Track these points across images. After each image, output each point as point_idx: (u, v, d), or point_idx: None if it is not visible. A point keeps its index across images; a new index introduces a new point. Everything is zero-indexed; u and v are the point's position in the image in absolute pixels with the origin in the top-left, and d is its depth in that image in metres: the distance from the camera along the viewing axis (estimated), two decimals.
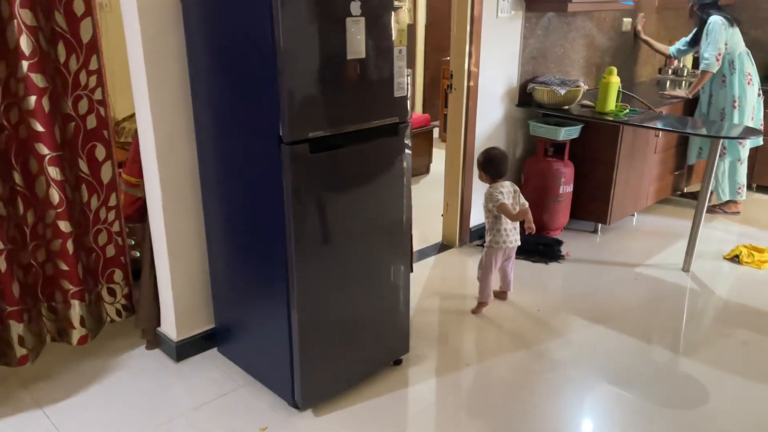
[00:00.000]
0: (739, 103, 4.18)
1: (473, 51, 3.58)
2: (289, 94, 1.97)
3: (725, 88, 4.20)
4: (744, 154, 4.34)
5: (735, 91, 4.17)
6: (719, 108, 4.25)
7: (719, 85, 4.22)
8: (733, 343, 2.92)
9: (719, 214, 4.52)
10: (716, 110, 4.28)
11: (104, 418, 2.36)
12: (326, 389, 2.43)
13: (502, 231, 3.03)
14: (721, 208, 4.54)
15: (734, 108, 4.17)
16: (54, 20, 2.25)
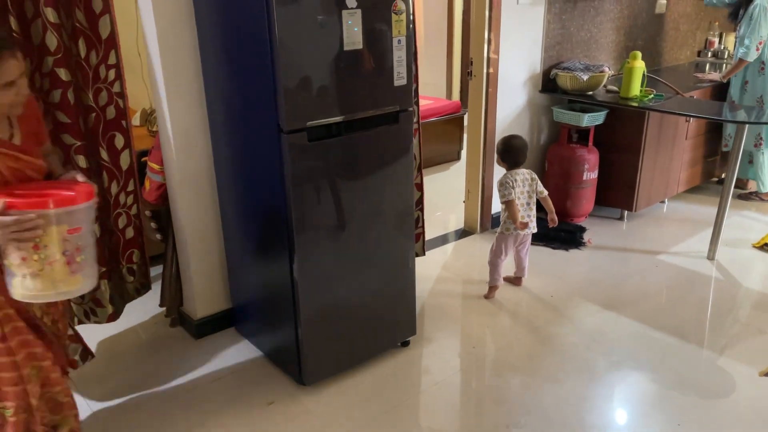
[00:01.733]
0: None
1: (492, 38, 3.58)
2: (286, 85, 2.06)
3: (764, 75, 4.02)
4: None
5: None
6: (756, 95, 4.08)
7: (757, 72, 4.05)
8: (750, 331, 2.87)
9: (754, 201, 4.36)
10: (752, 98, 4.10)
11: (126, 387, 2.54)
12: (331, 367, 2.54)
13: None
14: (759, 195, 4.38)
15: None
16: (75, 17, 2.40)
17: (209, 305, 2.86)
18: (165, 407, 2.41)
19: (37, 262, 1.59)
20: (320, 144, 2.21)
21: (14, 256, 1.59)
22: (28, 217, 1.53)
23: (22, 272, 1.61)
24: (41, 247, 1.59)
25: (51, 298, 1.70)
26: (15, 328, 1.73)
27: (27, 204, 1.54)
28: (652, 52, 4.68)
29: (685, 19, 4.87)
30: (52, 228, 1.58)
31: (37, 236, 1.56)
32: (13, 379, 1.74)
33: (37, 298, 1.68)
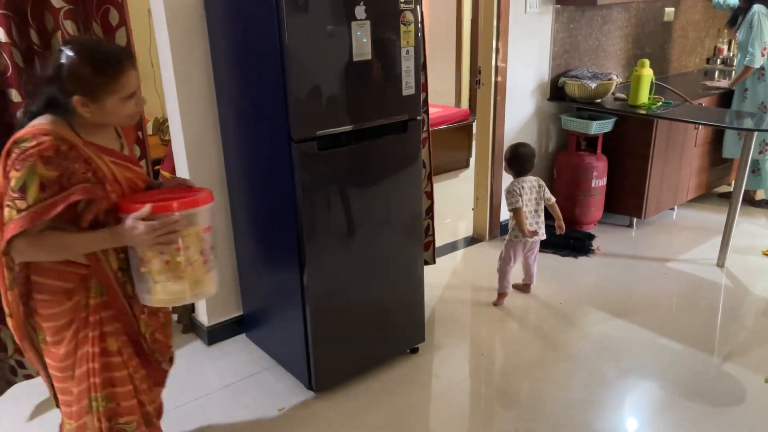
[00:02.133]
0: None
1: (500, 46, 3.62)
2: (297, 95, 2.10)
3: (764, 82, 4.02)
4: None
5: None
6: (758, 102, 4.07)
7: (757, 79, 4.03)
8: (759, 339, 2.86)
9: (764, 209, 4.35)
10: (753, 105, 4.09)
11: None
12: (341, 374, 2.57)
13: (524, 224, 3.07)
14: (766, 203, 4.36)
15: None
16: (92, 30, 2.46)
17: (220, 312, 2.90)
18: (176, 413, 2.45)
19: (180, 263, 1.64)
20: (330, 153, 2.25)
21: (156, 261, 1.63)
22: (174, 218, 1.58)
23: (165, 276, 1.65)
24: (183, 249, 1.63)
25: (188, 300, 1.74)
26: (124, 342, 1.75)
27: (166, 207, 1.59)
28: (660, 60, 4.70)
29: (694, 27, 4.88)
30: (191, 229, 1.63)
31: (181, 237, 1.61)
32: (131, 393, 1.76)
33: (176, 301, 1.72)
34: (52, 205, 1.51)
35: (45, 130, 1.53)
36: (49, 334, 1.69)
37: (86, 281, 1.67)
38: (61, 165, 1.52)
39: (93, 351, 1.69)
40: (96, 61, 1.54)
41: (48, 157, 1.50)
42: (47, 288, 1.65)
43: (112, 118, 1.62)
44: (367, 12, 2.17)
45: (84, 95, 1.54)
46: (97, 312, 1.68)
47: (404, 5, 2.27)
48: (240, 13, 2.28)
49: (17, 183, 1.49)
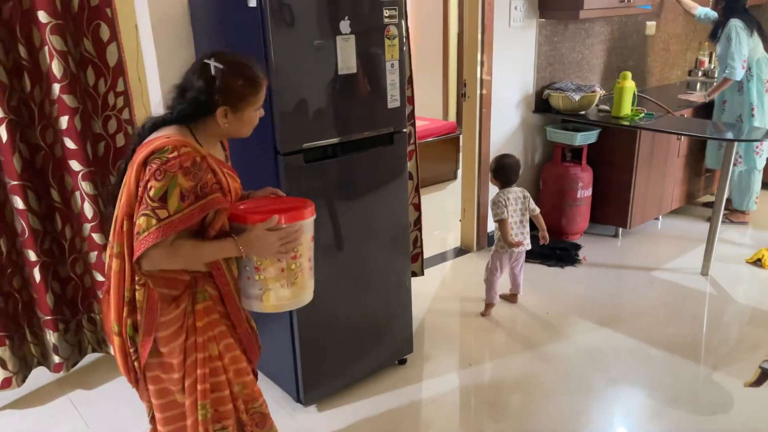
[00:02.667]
0: (757, 111, 4.05)
1: (485, 60, 3.67)
2: (282, 108, 2.13)
3: (742, 95, 4.08)
4: (761, 163, 4.19)
5: (753, 98, 4.04)
6: (735, 114, 4.13)
7: (736, 91, 4.10)
8: (743, 347, 2.90)
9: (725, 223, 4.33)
10: (732, 116, 4.15)
11: (122, 412, 2.56)
12: (329, 386, 2.57)
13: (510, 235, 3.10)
14: (728, 217, 4.36)
15: (752, 116, 4.05)
16: (82, 46, 2.48)
17: None
18: None
19: (293, 270, 1.72)
20: (316, 165, 2.27)
21: (272, 269, 1.70)
22: (294, 227, 1.67)
23: (280, 283, 1.72)
24: (298, 256, 1.72)
25: (293, 306, 1.80)
26: (228, 345, 1.75)
27: (290, 217, 1.68)
28: (643, 72, 4.78)
29: (675, 40, 4.97)
30: (304, 237, 1.72)
31: (299, 245, 1.69)
32: (228, 398, 1.77)
33: (286, 307, 1.78)
34: (190, 215, 1.57)
35: (182, 142, 1.58)
36: (162, 344, 1.68)
37: (191, 287, 1.69)
38: (197, 175, 1.57)
39: (202, 356, 1.70)
40: (246, 75, 1.62)
41: (187, 168, 1.55)
42: (160, 297, 1.65)
43: (242, 129, 1.70)
44: (352, 26, 2.20)
45: (229, 106, 1.61)
46: (203, 317, 1.70)
47: (389, 20, 2.31)
48: (226, 28, 2.31)
49: (157, 192, 1.53)
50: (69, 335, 2.74)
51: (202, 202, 1.58)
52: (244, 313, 1.82)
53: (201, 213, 1.58)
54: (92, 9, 2.42)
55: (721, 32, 4.01)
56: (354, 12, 2.20)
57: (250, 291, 1.75)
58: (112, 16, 2.46)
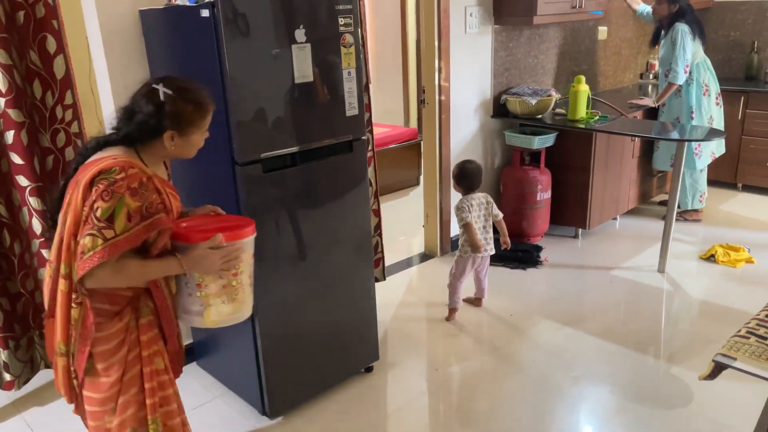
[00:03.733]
0: (695, 114, 4.17)
1: (443, 66, 3.70)
2: (239, 118, 2.11)
3: (681, 97, 4.19)
4: (700, 164, 4.30)
5: (692, 101, 4.15)
6: (673, 115, 4.25)
7: (675, 94, 4.20)
8: (699, 341, 2.98)
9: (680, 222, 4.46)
10: (670, 117, 4.27)
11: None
12: (295, 397, 2.54)
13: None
14: (682, 215, 4.49)
15: (691, 119, 4.17)
16: (28, 58, 2.41)
17: None
18: None
19: (234, 287, 1.78)
20: (276, 175, 2.26)
21: (213, 286, 1.75)
22: (236, 246, 1.73)
23: (221, 299, 1.78)
24: (239, 273, 1.78)
25: (233, 321, 1.84)
26: (169, 360, 1.79)
27: (234, 236, 1.74)
28: (596, 76, 4.90)
29: (627, 44, 5.11)
30: (245, 255, 1.78)
31: (239, 262, 1.75)
32: (176, 412, 1.79)
33: (225, 322, 1.82)
34: (136, 235, 1.59)
35: (130, 163, 1.61)
36: (100, 360, 1.67)
37: (134, 303, 1.72)
38: (144, 196, 1.61)
39: (149, 370, 1.71)
40: (195, 100, 1.68)
41: (134, 188, 1.59)
42: (100, 312, 1.66)
43: (189, 151, 1.76)
44: (307, 35, 2.20)
45: (177, 130, 1.66)
46: (146, 332, 1.72)
47: (344, 28, 2.31)
48: (179, 39, 2.28)
49: (105, 213, 1.55)
50: (20, 352, 2.65)
51: (147, 222, 1.61)
52: (177, 329, 1.84)
53: (147, 233, 1.61)
54: (38, 21, 2.35)
55: (664, 34, 4.12)
56: (309, 20, 2.19)
57: (191, 307, 1.79)
58: (59, 27, 2.39)
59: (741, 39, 5.29)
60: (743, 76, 5.26)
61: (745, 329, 1.65)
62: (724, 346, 1.59)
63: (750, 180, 5.01)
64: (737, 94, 4.83)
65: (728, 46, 5.35)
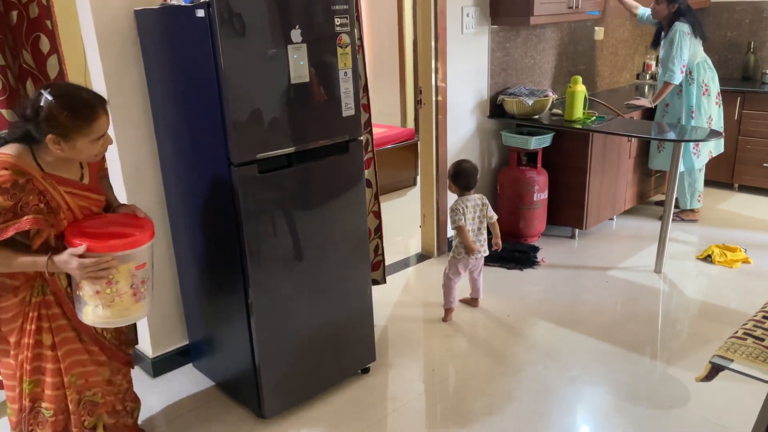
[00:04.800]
0: (696, 113, 4.18)
1: (439, 66, 3.70)
2: (235, 118, 2.10)
3: (681, 97, 4.20)
4: (699, 163, 4.32)
5: (692, 101, 4.16)
6: (675, 117, 4.26)
7: (676, 94, 4.22)
8: (696, 341, 2.98)
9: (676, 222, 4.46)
10: (672, 119, 4.29)
11: None
12: (291, 398, 2.53)
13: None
14: (679, 215, 4.49)
15: (691, 118, 4.18)
16: (22, 58, 2.40)
17: (165, 342, 2.83)
18: None
19: (108, 295, 1.84)
20: (272, 175, 2.24)
21: (88, 288, 1.83)
22: (105, 259, 1.78)
23: (95, 302, 1.85)
24: (113, 283, 1.83)
25: (117, 324, 1.95)
26: (65, 338, 1.95)
27: (103, 247, 1.79)
28: (593, 76, 4.90)
29: (623, 45, 5.11)
30: (123, 266, 1.83)
31: (111, 275, 1.80)
32: (56, 384, 1.97)
33: (106, 324, 1.93)
34: (3, 230, 1.73)
35: (7, 164, 1.74)
36: (2, 324, 1.91)
37: (32, 281, 1.89)
38: (16, 195, 1.73)
39: (27, 341, 1.91)
40: (72, 107, 1.76)
41: (5, 188, 1.72)
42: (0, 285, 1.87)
43: (80, 156, 1.83)
44: (303, 35, 2.19)
45: (58, 135, 1.76)
46: (37, 309, 1.90)
47: (340, 28, 2.30)
48: (174, 39, 2.26)
49: None
50: None
51: (14, 221, 1.74)
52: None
53: (13, 230, 1.74)
54: (31, 21, 2.34)
55: (664, 35, 4.12)
56: (305, 21, 2.18)
57: (77, 303, 1.91)
58: (53, 28, 2.38)
59: (738, 39, 5.29)
60: (740, 76, 5.26)
61: (742, 331, 1.65)
62: (721, 347, 1.58)
63: (746, 180, 5.01)
64: (734, 94, 4.84)
65: (725, 46, 5.36)
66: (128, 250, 1.82)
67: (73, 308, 1.94)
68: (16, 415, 2.01)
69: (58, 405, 1.99)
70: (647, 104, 4.32)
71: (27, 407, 1.98)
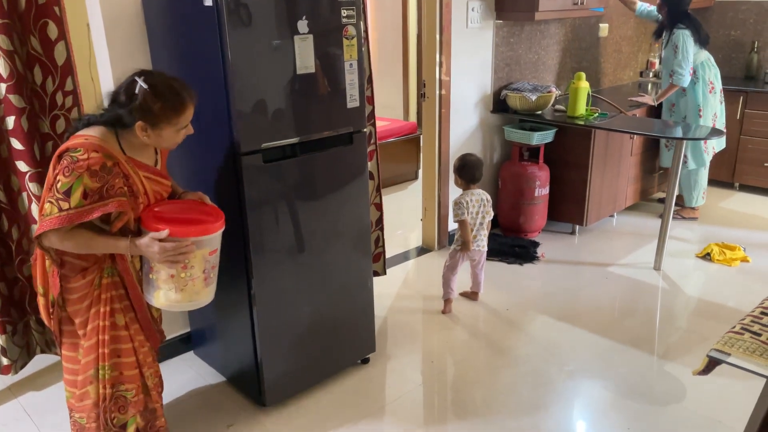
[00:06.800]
0: (703, 112, 4.19)
1: (444, 60, 3.71)
2: (241, 108, 2.11)
3: (686, 96, 4.22)
4: (707, 160, 4.35)
5: (699, 99, 4.18)
6: (681, 115, 4.28)
7: (681, 93, 4.23)
8: (694, 338, 3.00)
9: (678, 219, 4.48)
10: (678, 117, 4.30)
11: None
12: (292, 388, 2.55)
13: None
14: (679, 213, 4.50)
15: (699, 116, 4.20)
16: (29, 44, 2.41)
17: (166, 329, 2.82)
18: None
19: (183, 279, 1.89)
20: (276, 165, 2.26)
21: (163, 273, 1.88)
22: (184, 243, 1.83)
23: (168, 286, 1.90)
24: (188, 267, 1.88)
25: (186, 308, 1.99)
26: (132, 317, 1.99)
27: (184, 232, 1.84)
28: (597, 73, 4.90)
29: (627, 42, 5.12)
30: (199, 251, 1.88)
31: (188, 259, 1.85)
32: (133, 364, 2.00)
33: (175, 308, 1.97)
34: (89, 212, 1.77)
35: (96, 146, 1.77)
36: (68, 305, 1.93)
37: (101, 262, 1.91)
38: (104, 178, 1.77)
39: (103, 324, 1.93)
40: (166, 98, 1.79)
41: (95, 171, 1.75)
42: (69, 265, 1.90)
43: (162, 143, 1.89)
44: (310, 26, 2.20)
45: (147, 122, 1.80)
46: (108, 290, 1.93)
47: (346, 20, 2.31)
48: (181, 28, 2.28)
49: (63, 186, 1.74)
50: (17, 337, 2.66)
51: (101, 203, 1.77)
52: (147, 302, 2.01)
53: (100, 212, 1.78)
54: (39, 7, 2.35)
55: (666, 37, 4.13)
56: (312, 12, 2.19)
57: (147, 286, 1.96)
58: (61, 14, 2.39)
59: (741, 38, 5.30)
60: (743, 75, 5.27)
61: (740, 326, 1.67)
62: (719, 341, 1.60)
63: (747, 180, 5.03)
64: (736, 93, 4.85)
65: (728, 45, 5.36)
66: (205, 236, 1.87)
67: (140, 292, 1.97)
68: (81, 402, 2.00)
69: (138, 384, 2.02)
70: (650, 102, 4.34)
71: (108, 395, 1.97)
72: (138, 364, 2.01)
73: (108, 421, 1.99)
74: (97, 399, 1.97)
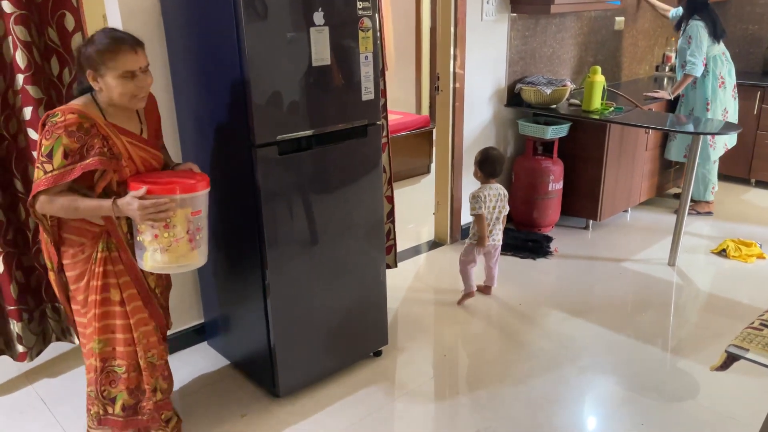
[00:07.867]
0: (711, 105, 4.15)
1: (458, 53, 3.69)
2: (257, 100, 2.11)
3: (696, 89, 4.18)
4: (714, 156, 4.30)
5: (707, 93, 4.14)
6: (689, 108, 4.24)
7: (691, 86, 4.20)
8: (708, 335, 2.98)
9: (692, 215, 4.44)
10: (686, 110, 4.26)
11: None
12: (304, 379, 2.57)
13: None
14: (694, 208, 4.47)
15: (706, 110, 4.15)
16: (47, 35, 2.42)
17: (180, 320, 2.87)
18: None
19: (166, 238, 1.92)
20: (291, 157, 2.26)
21: (148, 233, 1.92)
22: (163, 200, 1.86)
23: (154, 247, 1.93)
24: (171, 227, 1.92)
25: (174, 270, 2.01)
26: (131, 294, 2.04)
27: (162, 190, 1.88)
28: (612, 67, 4.86)
29: (643, 36, 5.07)
30: (180, 211, 1.91)
31: (169, 217, 1.88)
32: (127, 341, 2.04)
33: (163, 270, 2.00)
34: (71, 171, 1.84)
35: (73, 109, 1.86)
36: (71, 282, 2.02)
37: (97, 238, 1.98)
38: (82, 138, 1.85)
39: (95, 299, 1.99)
40: (99, 42, 1.85)
41: (71, 131, 1.83)
42: (68, 242, 1.98)
43: (113, 94, 1.89)
44: (326, 18, 2.19)
45: (92, 70, 1.86)
46: (102, 264, 1.98)
47: (362, 12, 2.30)
48: (198, 20, 2.28)
49: (46, 149, 1.84)
50: (33, 325, 2.70)
51: (82, 162, 1.84)
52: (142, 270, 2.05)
53: (81, 170, 1.84)
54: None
55: (684, 26, 4.09)
56: (328, 3, 2.19)
57: (136, 249, 1.99)
58: (78, 5, 2.40)
59: (759, 33, 5.23)
60: (760, 70, 5.20)
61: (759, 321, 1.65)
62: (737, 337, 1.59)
63: (763, 176, 4.97)
64: (754, 89, 4.79)
65: (746, 40, 5.29)
66: (185, 194, 1.91)
67: (132, 257, 2.01)
68: (88, 374, 2.08)
69: (130, 361, 2.05)
70: (666, 96, 4.29)
71: (99, 368, 2.04)
72: (134, 342, 2.04)
73: (99, 393, 2.07)
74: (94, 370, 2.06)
